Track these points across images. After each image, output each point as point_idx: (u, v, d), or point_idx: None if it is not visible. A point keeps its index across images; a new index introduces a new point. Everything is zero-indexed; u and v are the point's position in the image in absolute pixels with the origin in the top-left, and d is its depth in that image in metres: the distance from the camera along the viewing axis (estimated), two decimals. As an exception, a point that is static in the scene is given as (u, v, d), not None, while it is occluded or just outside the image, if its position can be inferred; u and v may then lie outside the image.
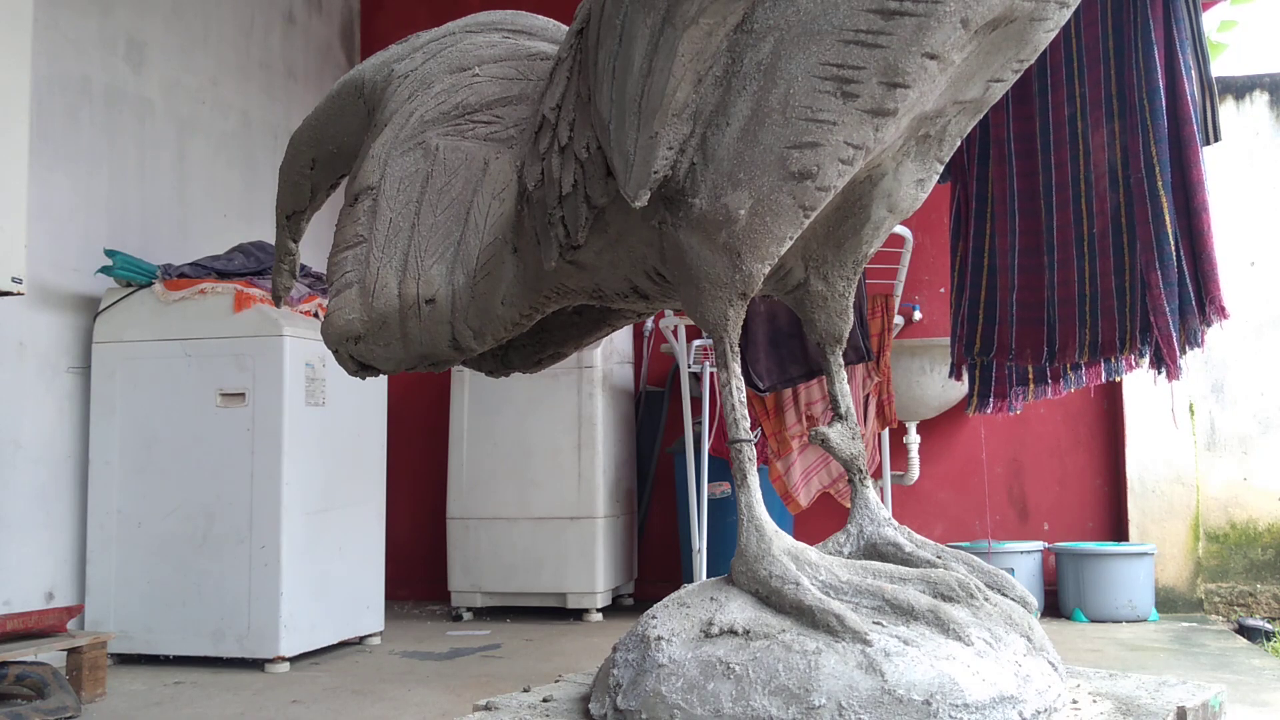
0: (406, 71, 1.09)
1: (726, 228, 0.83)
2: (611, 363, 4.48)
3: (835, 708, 0.78)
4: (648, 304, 1.02)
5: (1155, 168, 2.43)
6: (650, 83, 0.83)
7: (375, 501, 3.91)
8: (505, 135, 1.03)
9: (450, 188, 1.02)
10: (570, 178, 0.92)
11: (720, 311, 0.86)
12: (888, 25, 0.75)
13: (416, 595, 4.97)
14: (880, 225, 0.95)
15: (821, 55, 0.77)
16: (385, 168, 1.04)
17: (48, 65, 3.53)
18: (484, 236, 0.99)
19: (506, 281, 1.00)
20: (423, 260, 1.01)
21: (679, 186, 0.85)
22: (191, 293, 3.51)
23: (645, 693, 0.84)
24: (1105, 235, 2.56)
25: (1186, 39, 2.44)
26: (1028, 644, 0.86)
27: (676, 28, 0.81)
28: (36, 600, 3.41)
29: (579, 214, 0.93)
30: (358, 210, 1.04)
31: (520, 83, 1.05)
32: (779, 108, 0.79)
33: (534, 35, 1.11)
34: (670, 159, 0.84)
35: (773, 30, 0.79)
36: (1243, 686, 2.91)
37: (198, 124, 4.28)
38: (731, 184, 0.82)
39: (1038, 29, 0.80)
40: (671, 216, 0.86)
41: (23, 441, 3.40)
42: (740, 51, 0.81)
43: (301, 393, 3.48)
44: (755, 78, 0.80)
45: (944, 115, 0.87)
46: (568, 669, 3.26)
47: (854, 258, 0.96)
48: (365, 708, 2.84)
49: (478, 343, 1.02)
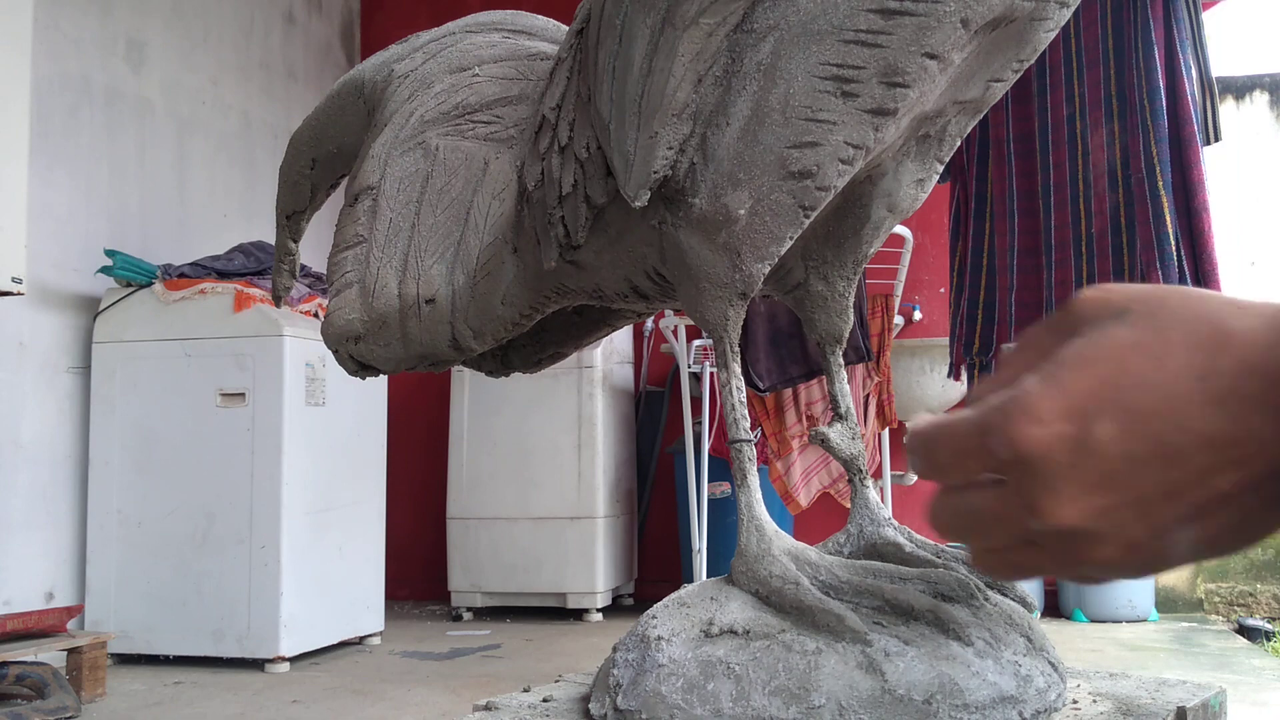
0: (406, 71, 1.09)
1: (726, 228, 0.83)
2: (611, 363, 4.48)
3: (835, 708, 0.78)
4: (648, 304, 1.02)
5: (1156, 168, 2.43)
6: (650, 83, 0.83)
7: (375, 501, 3.91)
8: (505, 135, 1.03)
9: (450, 188, 1.02)
10: (570, 178, 0.92)
11: (720, 311, 0.86)
12: (888, 25, 0.75)
13: (416, 595, 4.97)
14: (880, 225, 0.95)
15: (821, 55, 0.77)
16: (385, 168, 1.04)
17: (48, 65, 3.53)
18: (484, 236, 0.99)
19: (506, 281, 1.00)
20: (423, 260, 1.01)
21: (679, 186, 0.85)
22: (191, 293, 3.51)
23: (645, 693, 0.84)
24: (1104, 235, 2.56)
25: (1186, 39, 2.44)
26: (1028, 644, 0.86)
27: (676, 28, 0.81)
28: (36, 600, 3.41)
29: (579, 214, 0.93)
30: (358, 210, 1.04)
31: (520, 83, 1.05)
32: (779, 107, 0.79)
33: (534, 35, 1.11)
34: (670, 159, 0.84)
35: (773, 30, 0.79)
36: (1243, 686, 2.91)
37: (198, 124, 4.28)
38: (731, 184, 0.82)
39: (1038, 29, 0.80)
40: (671, 216, 0.86)
41: (23, 441, 3.40)
42: (740, 51, 0.81)
43: (301, 393, 3.48)
44: (755, 78, 0.80)
45: (944, 115, 0.87)
46: (568, 669, 3.27)
47: (854, 258, 0.96)
48: (365, 708, 2.84)
49: (478, 343, 1.02)
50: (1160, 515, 0.44)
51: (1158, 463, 0.43)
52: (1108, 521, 0.45)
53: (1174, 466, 0.43)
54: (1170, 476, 0.44)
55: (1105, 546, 0.45)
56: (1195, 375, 0.43)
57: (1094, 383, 0.45)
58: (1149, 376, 0.44)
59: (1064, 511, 0.45)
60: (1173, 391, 0.43)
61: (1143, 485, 0.44)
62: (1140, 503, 0.44)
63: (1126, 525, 0.45)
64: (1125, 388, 0.44)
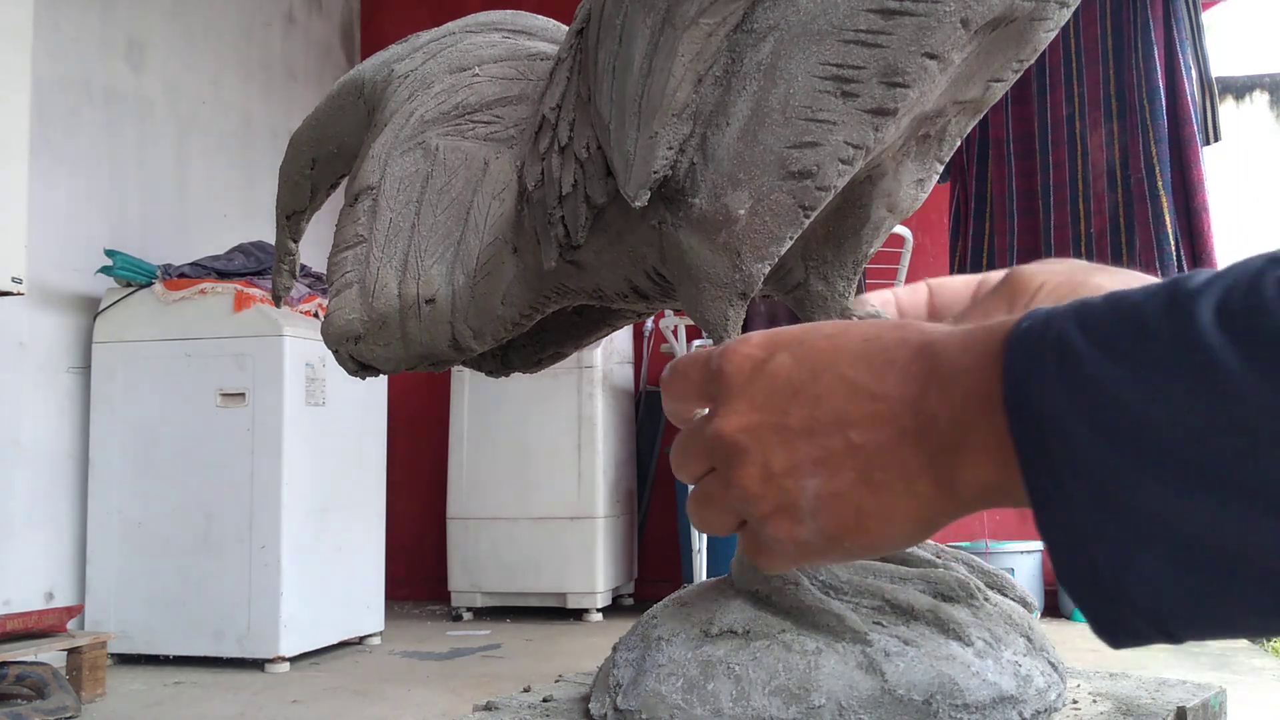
0: (406, 71, 1.09)
1: (726, 227, 0.83)
2: (611, 363, 4.48)
3: (835, 708, 0.78)
4: (648, 304, 1.02)
5: (1155, 168, 2.43)
6: (650, 83, 0.83)
7: (375, 501, 3.91)
8: (505, 135, 1.03)
9: (450, 188, 1.02)
10: (570, 178, 0.92)
11: (720, 311, 0.86)
12: (888, 25, 0.75)
13: (416, 595, 4.96)
14: (880, 225, 0.95)
15: (821, 55, 0.78)
16: (385, 168, 1.04)
17: (48, 65, 3.53)
18: (484, 236, 0.99)
19: (506, 281, 1.00)
20: (423, 260, 1.01)
21: (679, 186, 0.85)
22: (191, 293, 3.51)
23: (645, 693, 0.84)
24: (1103, 235, 2.56)
25: (1186, 39, 2.44)
26: (1028, 644, 0.86)
27: (676, 28, 0.81)
28: (36, 600, 3.41)
29: (579, 214, 0.93)
30: (357, 210, 1.04)
31: (520, 83, 1.05)
32: (779, 107, 0.79)
33: (534, 35, 1.11)
34: (670, 159, 0.84)
35: (773, 30, 0.79)
36: (1242, 686, 2.91)
37: (198, 124, 4.28)
38: (731, 184, 0.82)
39: (1038, 29, 0.80)
40: (671, 216, 0.86)
41: (23, 441, 3.40)
42: (740, 51, 0.81)
43: (301, 393, 3.48)
44: (755, 77, 0.80)
45: (944, 115, 0.87)
46: (568, 669, 3.27)
47: (854, 258, 0.96)
48: (365, 708, 2.84)
49: (478, 343, 1.02)
50: (798, 450, 0.48)
51: (808, 394, 0.48)
52: (755, 440, 0.49)
53: (819, 405, 0.48)
54: (814, 414, 0.48)
55: (747, 467, 0.49)
56: (863, 337, 0.48)
57: (796, 329, 0.51)
58: (835, 331, 0.50)
59: (728, 421, 0.50)
60: (841, 343, 0.49)
61: (792, 413, 0.49)
62: (785, 430, 0.49)
63: (770, 449, 0.49)
64: (813, 334, 0.50)
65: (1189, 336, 0.36)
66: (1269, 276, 0.35)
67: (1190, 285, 0.37)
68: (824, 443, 0.48)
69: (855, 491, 0.47)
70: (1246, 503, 0.35)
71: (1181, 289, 0.37)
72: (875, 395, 0.47)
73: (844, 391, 0.47)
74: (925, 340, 0.46)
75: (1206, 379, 0.35)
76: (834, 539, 0.49)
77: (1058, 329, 0.40)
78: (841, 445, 0.47)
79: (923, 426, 0.45)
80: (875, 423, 0.46)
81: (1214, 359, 0.35)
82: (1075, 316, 0.40)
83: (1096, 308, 0.39)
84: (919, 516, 0.47)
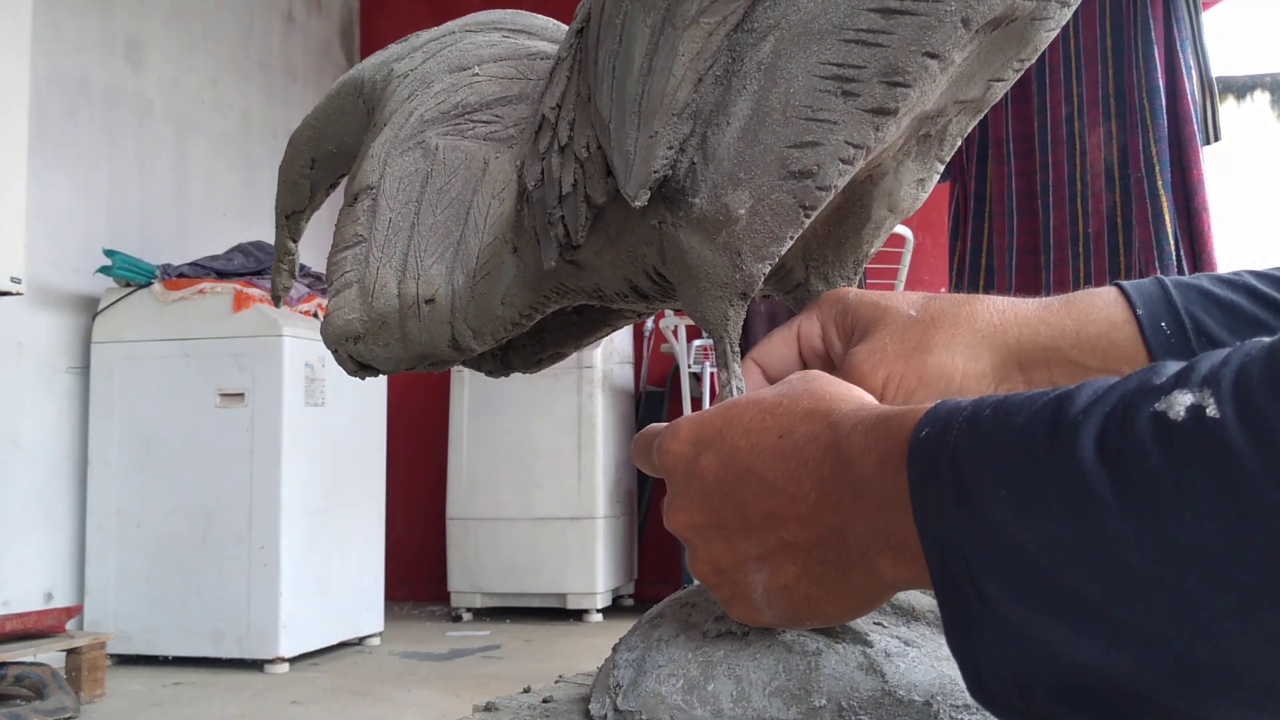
0: (406, 71, 1.08)
1: (727, 227, 0.83)
2: (611, 363, 4.48)
3: (836, 708, 0.78)
4: (648, 304, 1.02)
5: (1155, 167, 2.43)
6: (650, 82, 0.83)
7: (375, 501, 3.91)
8: (505, 135, 1.03)
9: (450, 187, 1.02)
10: (570, 177, 0.92)
11: (720, 311, 0.86)
12: (889, 24, 0.75)
13: (416, 595, 4.96)
14: (881, 225, 0.95)
15: (822, 54, 0.77)
16: (385, 167, 1.04)
17: (47, 65, 3.53)
18: (484, 236, 0.99)
19: (506, 281, 1.00)
20: (422, 260, 1.01)
21: (679, 186, 0.85)
22: (191, 293, 3.51)
23: (645, 693, 0.84)
24: (1101, 235, 2.56)
25: (1186, 38, 2.44)
26: (1029, 644, 0.86)
27: (677, 27, 0.81)
28: (36, 600, 3.41)
29: (579, 213, 0.93)
30: (357, 210, 1.04)
31: (520, 82, 1.05)
32: (779, 107, 0.79)
33: (534, 35, 1.11)
34: (670, 158, 0.84)
35: (773, 29, 0.79)
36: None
37: (197, 124, 4.28)
38: (732, 183, 0.82)
39: (1039, 28, 0.80)
40: (671, 216, 0.86)
41: (22, 441, 3.40)
42: (741, 51, 0.81)
43: (301, 393, 3.48)
44: (756, 77, 0.80)
45: (944, 115, 0.87)
46: (568, 670, 3.27)
47: (854, 258, 0.96)
48: (365, 708, 2.84)
49: (477, 343, 1.02)
50: (739, 547, 0.50)
51: (737, 498, 0.49)
52: (699, 537, 0.51)
53: (748, 507, 0.49)
54: (746, 513, 0.49)
55: (698, 562, 0.52)
56: (778, 433, 0.48)
57: (719, 420, 0.51)
58: (753, 423, 0.49)
59: (674, 518, 0.52)
60: (758, 441, 0.49)
61: (726, 513, 0.50)
62: (724, 528, 0.50)
63: (713, 546, 0.50)
64: (734, 429, 0.50)
65: (1069, 468, 0.36)
66: (1143, 411, 0.35)
67: (1072, 411, 0.37)
68: (761, 540, 0.49)
69: (800, 584, 0.49)
70: (1136, 642, 0.35)
71: (1064, 415, 0.37)
72: (796, 497, 0.47)
73: (768, 494, 0.48)
74: (833, 439, 0.47)
75: (1087, 517, 0.35)
76: (793, 621, 0.52)
77: (952, 450, 0.40)
78: (777, 543, 0.49)
79: (843, 526, 0.46)
80: (802, 523, 0.47)
81: (1093, 495, 0.35)
82: (969, 439, 0.40)
83: (988, 431, 0.39)
84: (865, 597, 0.50)
